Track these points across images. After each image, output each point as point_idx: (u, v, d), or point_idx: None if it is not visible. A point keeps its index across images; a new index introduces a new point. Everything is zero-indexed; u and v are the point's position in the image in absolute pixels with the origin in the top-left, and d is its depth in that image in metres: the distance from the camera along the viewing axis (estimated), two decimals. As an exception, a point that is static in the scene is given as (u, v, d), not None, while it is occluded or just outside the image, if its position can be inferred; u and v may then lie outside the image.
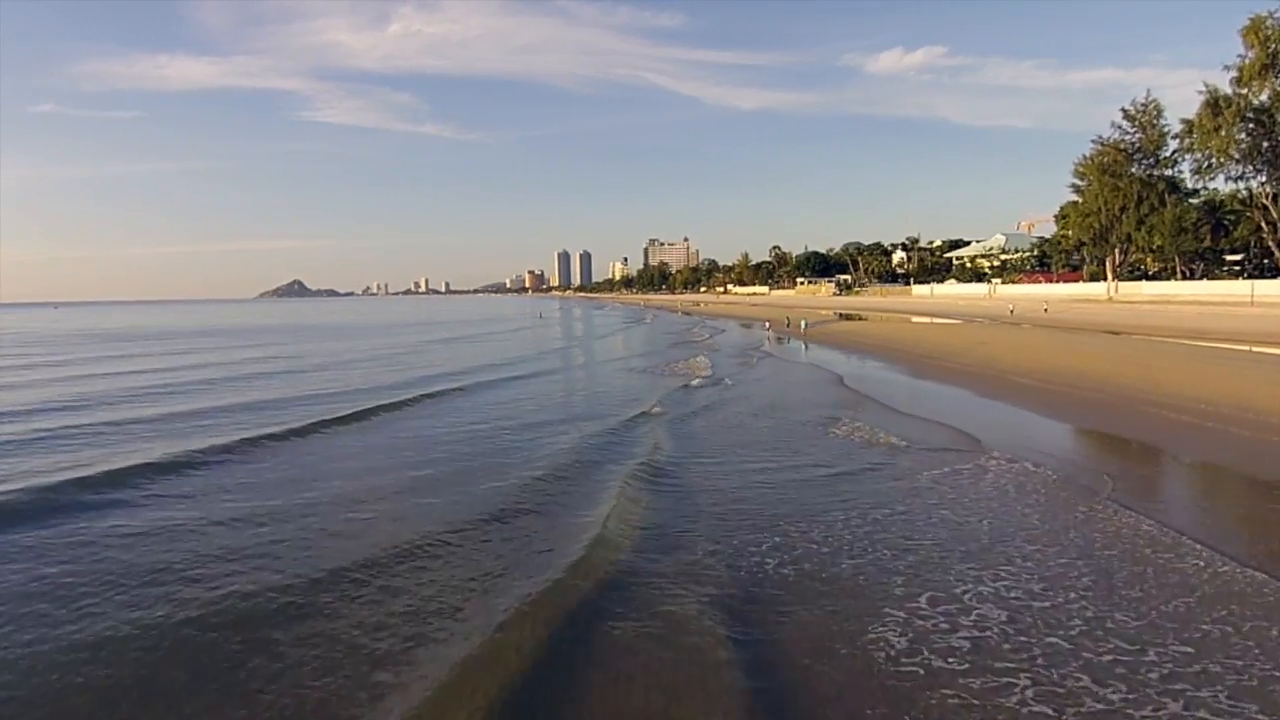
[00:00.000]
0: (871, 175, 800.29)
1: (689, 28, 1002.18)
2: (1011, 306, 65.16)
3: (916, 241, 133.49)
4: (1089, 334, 40.61)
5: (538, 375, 28.59)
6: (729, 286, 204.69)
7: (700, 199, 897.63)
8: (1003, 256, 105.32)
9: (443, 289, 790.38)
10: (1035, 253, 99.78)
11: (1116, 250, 70.98)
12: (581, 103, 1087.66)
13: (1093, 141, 67.66)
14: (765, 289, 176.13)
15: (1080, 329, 44.38)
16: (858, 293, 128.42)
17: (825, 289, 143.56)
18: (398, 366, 32.07)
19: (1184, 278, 67.82)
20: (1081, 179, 71.11)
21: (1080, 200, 72.01)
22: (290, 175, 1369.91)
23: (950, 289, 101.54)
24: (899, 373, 26.22)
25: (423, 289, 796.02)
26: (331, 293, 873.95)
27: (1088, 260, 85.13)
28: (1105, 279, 74.24)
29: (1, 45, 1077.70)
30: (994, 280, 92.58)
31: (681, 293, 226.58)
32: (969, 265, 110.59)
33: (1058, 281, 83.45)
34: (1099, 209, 67.96)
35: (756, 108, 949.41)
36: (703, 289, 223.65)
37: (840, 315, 68.12)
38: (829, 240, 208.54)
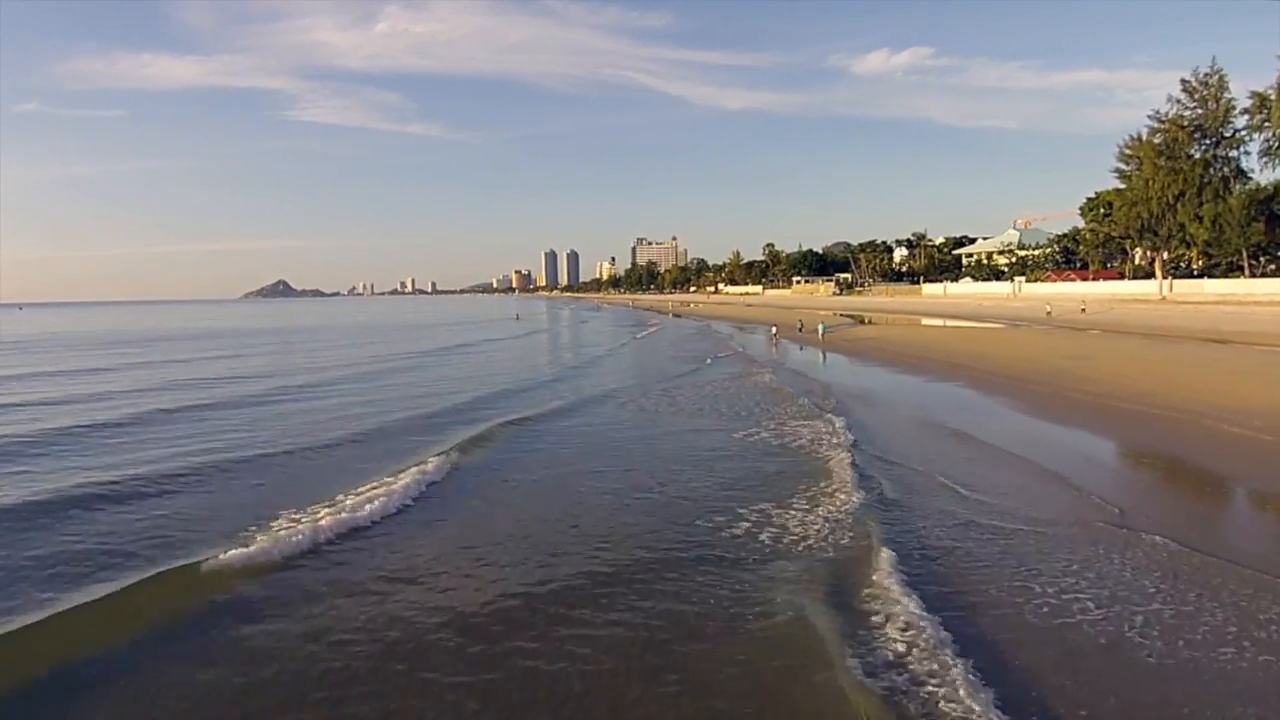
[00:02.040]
0: (859, 175, 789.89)
1: (676, 28, 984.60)
2: (1049, 307, 57.23)
3: (923, 237, 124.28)
4: (1194, 343, 31.91)
5: (577, 411, 18.90)
6: (719, 286, 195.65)
7: (688, 198, 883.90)
8: (1020, 252, 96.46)
9: (429, 289, 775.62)
10: (1058, 248, 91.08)
11: (1167, 243, 62.37)
12: (569, 102, 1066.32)
13: (1149, 116, 58.66)
14: (759, 288, 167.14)
15: (1171, 336, 35.69)
16: (860, 292, 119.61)
17: (824, 288, 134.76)
18: (372, 398, 21.95)
19: (1247, 274, 59.29)
20: (1128, 163, 62.31)
21: (1126, 187, 63.20)
22: (275, 175, 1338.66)
23: (966, 288, 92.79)
24: (1014, 409, 17.14)
25: (409, 289, 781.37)
26: (317, 293, 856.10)
27: (1126, 255, 76.73)
28: (1152, 276, 65.76)
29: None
30: (1017, 278, 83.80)
31: (670, 292, 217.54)
32: (984, 262, 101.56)
33: (1094, 279, 74.76)
34: (1150, 196, 59.17)
35: (743, 108, 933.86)
36: (692, 288, 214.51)
37: (855, 318, 59.22)
38: (817, 239, 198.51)
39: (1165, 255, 64.69)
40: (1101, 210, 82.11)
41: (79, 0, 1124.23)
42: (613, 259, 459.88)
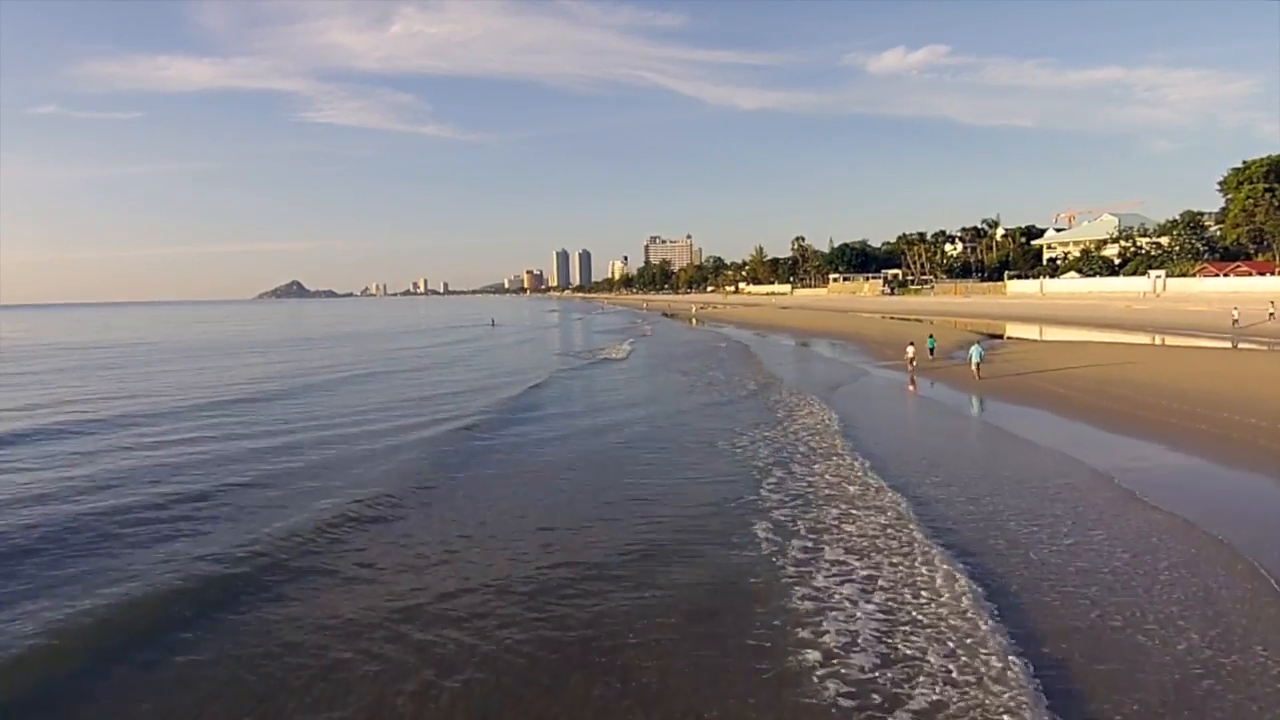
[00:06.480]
0: (876, 174, 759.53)
1: (690, 28, 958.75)
2: (1235, 311, 37.98)
3: (995, 225, 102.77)
4: None
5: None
6: (740, 285, 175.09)
7: (702, 198, 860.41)
8: (1142, 241, 75.30)
9: (441, 290, 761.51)
10: (1193, 234, 69.80)
11: None
12: (582, 103, 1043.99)
13: None
14: (786, 288, 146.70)
15: None
16: (917, 291, 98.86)
17: (869, 287, 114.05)
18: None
19: None
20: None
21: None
22: (290, 176, 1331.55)
23: (1072, 285, 71.80)
24: None
25: (421, 290, 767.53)
26: (330, 293, 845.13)
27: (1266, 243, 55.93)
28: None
29: (2, 46, 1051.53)
30: (1154, 273, 62.78)
31: (685, 293, 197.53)
32: (1094, 252, 80.00)
33: (1276, 273, 53.78)
34: None
35: (758, 107, 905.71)
36: (709, 288, 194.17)
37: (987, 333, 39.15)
38: (834, 237, 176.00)
39: None
40: (1263, 186, 61.26)
41: (96, 3, 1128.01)
42: (625, 258, 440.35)
